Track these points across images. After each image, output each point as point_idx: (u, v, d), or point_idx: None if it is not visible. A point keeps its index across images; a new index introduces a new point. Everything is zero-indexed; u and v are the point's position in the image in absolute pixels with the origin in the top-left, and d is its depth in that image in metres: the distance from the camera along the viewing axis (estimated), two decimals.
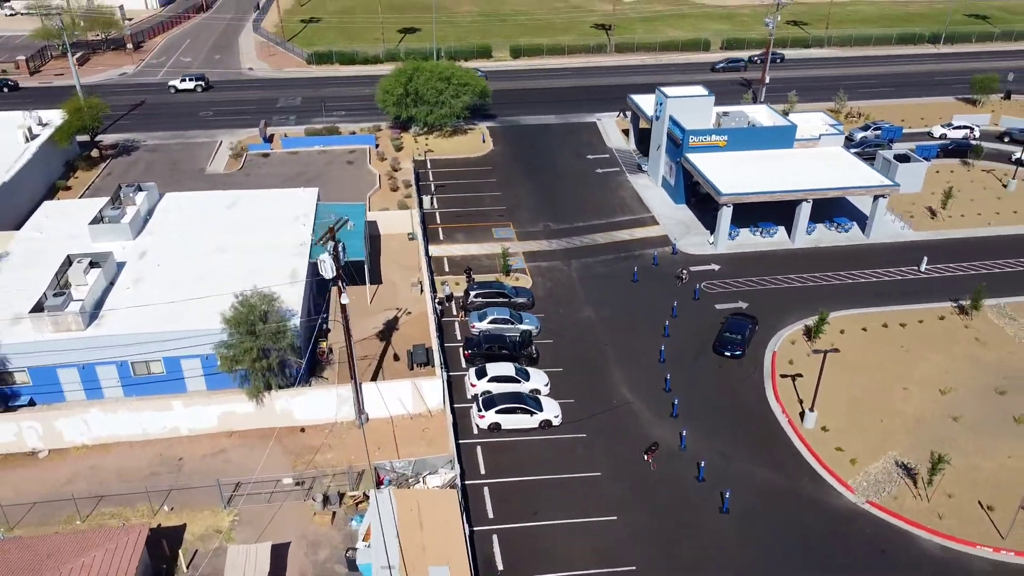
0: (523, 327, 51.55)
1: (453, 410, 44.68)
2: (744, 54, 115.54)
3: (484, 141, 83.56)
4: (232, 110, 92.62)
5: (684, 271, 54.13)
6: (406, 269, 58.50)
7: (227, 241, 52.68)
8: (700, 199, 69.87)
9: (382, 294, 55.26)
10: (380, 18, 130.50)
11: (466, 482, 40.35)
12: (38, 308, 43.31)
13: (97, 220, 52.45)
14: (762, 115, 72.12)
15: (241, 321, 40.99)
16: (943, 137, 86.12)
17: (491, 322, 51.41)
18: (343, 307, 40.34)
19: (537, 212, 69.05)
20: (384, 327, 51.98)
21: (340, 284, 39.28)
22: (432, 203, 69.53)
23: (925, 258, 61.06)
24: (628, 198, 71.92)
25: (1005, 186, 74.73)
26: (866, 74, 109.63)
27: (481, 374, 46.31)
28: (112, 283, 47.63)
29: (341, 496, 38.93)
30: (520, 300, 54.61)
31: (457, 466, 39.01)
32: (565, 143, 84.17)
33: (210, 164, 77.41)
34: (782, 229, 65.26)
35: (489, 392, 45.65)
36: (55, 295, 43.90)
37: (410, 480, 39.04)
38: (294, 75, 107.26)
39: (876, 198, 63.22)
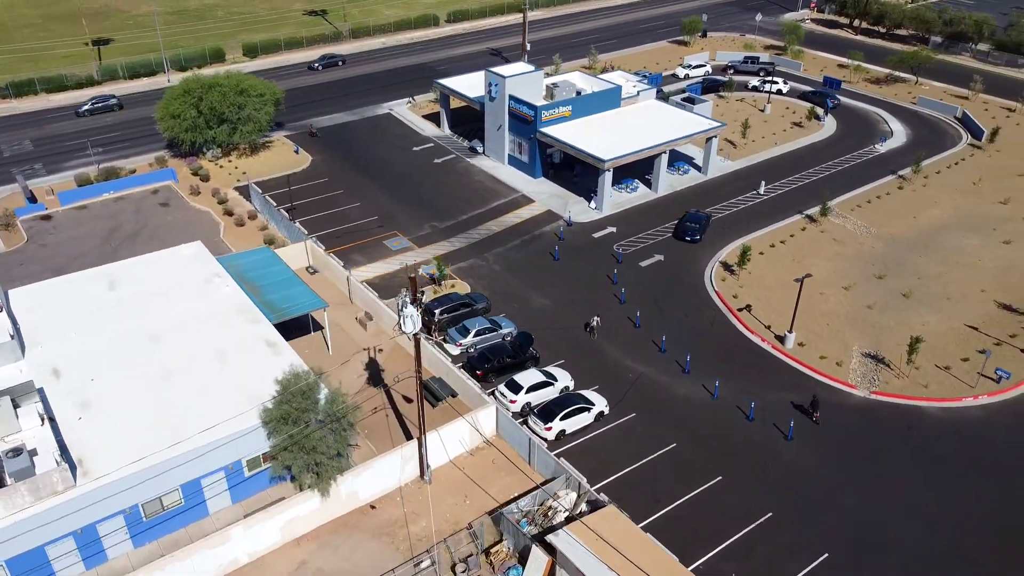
0: (504, 331, 50.22)
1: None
2: (382, 38, 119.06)
3: (298, 152, 76.56)
4: None
5: (596, 320, 51.19)
6: (337, 306, 52.76)
7: (152, 327, 42.96)
8: (556, 169, 72.49)
9: (336, 338, 49.44)
10: (85, 36, 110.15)
11: None
12: None
13: None
14: (579, 81, 76.24)
15: (307, 409, 34.60)
16: (686, 77, 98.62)
17: (476, 335, 49.24)
18: (418, 361, 36.12)
19: (412, 215, 66.01)
20: (368, 372, 47.01)
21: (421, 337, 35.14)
22: (300, 230, 62.69)
23: (763, 182, 70.96)
24: (487, 182, 71.86)
25: (763, 110, 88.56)
26: (585, 30, 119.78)
27: (515, 388, 44.55)
28: (52, 418, 36.61)
29: (469, 556, 35.67)
30: (481, 306, 52.79)
31: (584, 481, 37.75)
32: (380, 139, 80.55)
33: None
34: (638, 182, 70.74)
35: (530, 403, 44.36)
36: (9, 456, 32.68)
37: (555, 511, 36.94)
38: None
39: (709, 139, 71.36)
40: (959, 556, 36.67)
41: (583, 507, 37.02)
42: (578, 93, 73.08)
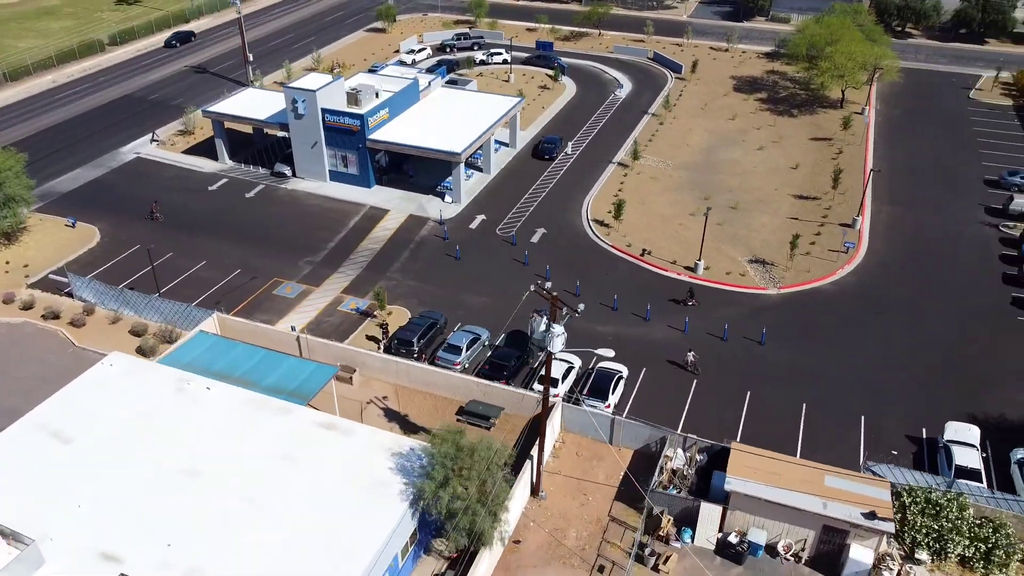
0: (483, 338, 49.82)
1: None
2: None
3: (74, 225, 63.07)
4: None
5: (692, 354, 48.64)
6: None
7: (171, 461, 34.86)
8: (386, 173, 70.42)
9: (324, 400, 44.32)
10: None
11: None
12: None
13: None
14: (373, 81, 73.89)
15: (474, 466, 32.15)
16: (413, 63, 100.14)
17: (467, 348, 48.15)
18: (547, 380, 35.38)
19: (275, 257, 59.64)
20: (394, 423, 43.47)
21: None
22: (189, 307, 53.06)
23: (569, 143, 77.20)
24: (323, 203, 67.18)
25: (507, 81, 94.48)
26: (271, 32, 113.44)
27: (552, 382, 45.26)
28: None
29: (644, 546, 37.04)
30: (442, 322, 51.20)
31: (688, 435, 40.61)
32: (159, 187, 69.80)
33: None
34: (469, 168, 72.28)
35: (575, 388, 45.68)
36: None
37: (685, 470, 39.15)
38: None
39: (512, 116, 75.18)
40: (930, 368, 47.70)
41: (698, 457, 40.30)
42: (376, 94, 71.27)
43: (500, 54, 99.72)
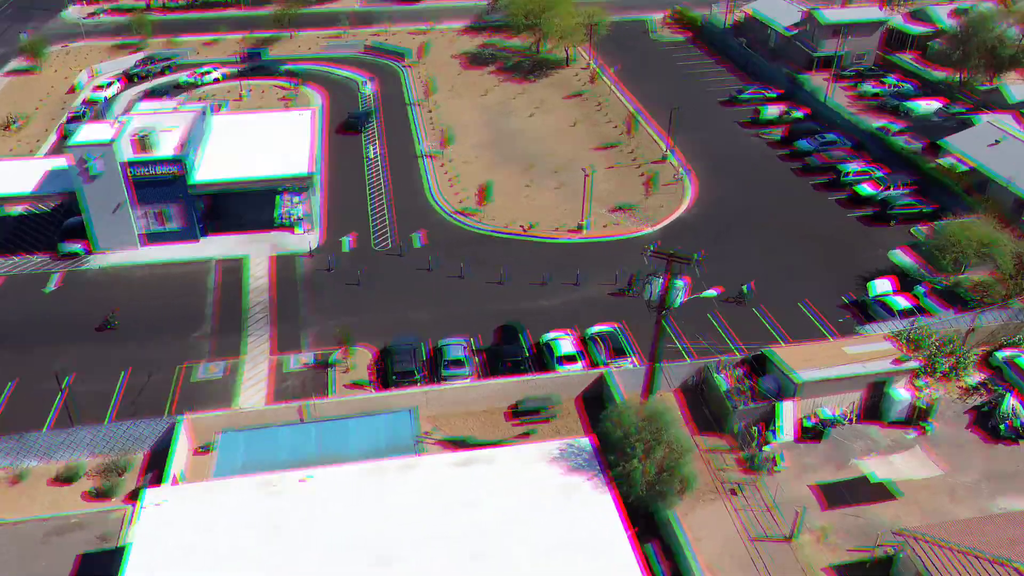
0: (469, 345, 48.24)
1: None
2: None
3: None
4: None
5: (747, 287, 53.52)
6: None
7: (337, 556, 29.13)
8: (209, 219, 61.09)
9: None
10: None
11: None
12: None
13: None
14: (148, 121, 62.16)
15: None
16: (108, 100, 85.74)
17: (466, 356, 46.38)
18: (658, 327, 36.46)
19: (162, 345, 49.04)
20: (459, 446, 40.41)
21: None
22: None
23: (371, 146, 74.24)
24: (160, 271, 56.41)
25: (241, 98, 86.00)
26: None
27: (574, 359, 45.95)
28: None
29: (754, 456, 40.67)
30: (417, 344, 47.96)
31: (724, 357, 44.52)
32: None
33: None
34: None
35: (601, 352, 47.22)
36: None
37: (741, 385, 42.97)
38: None
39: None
40: (808, 250, 57.81)
41: (737, 373, 44.84)
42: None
43: (211, 72, 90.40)
